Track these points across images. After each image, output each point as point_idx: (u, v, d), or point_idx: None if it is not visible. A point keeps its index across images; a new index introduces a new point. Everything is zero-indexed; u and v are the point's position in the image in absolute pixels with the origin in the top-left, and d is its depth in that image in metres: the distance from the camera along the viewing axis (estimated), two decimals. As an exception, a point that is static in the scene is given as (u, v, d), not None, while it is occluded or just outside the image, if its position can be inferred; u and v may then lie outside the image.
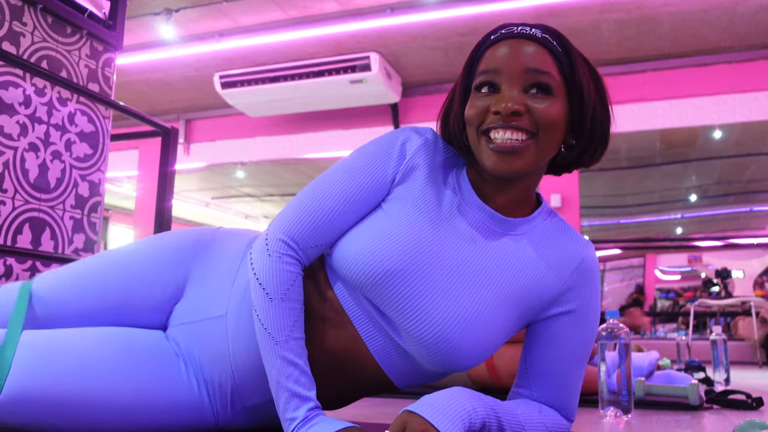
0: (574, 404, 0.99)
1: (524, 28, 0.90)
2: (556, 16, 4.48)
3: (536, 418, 0.91)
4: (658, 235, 11.36)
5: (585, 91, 0.91)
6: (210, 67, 5.35)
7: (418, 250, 0.89)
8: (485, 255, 0.92)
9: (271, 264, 0.88)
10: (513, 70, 0.88)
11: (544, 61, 0.88)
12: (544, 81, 0.87)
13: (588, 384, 1.74)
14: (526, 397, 0.97)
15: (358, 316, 0.93)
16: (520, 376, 0.99)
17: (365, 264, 0.88)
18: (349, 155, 0.97)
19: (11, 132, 1.89)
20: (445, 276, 0.89)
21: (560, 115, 0.89)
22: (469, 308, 0.88)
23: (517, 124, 0.86)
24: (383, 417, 1.39)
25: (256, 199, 9.30)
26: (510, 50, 0.89)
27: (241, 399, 0.98)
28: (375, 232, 0.90)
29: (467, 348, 0.87)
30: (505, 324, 0.91)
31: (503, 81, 0.88)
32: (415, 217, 0.91)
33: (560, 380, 0.96)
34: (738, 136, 6.18)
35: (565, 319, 0.95)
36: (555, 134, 0.89)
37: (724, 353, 2.73)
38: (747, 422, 0.91)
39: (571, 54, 0.90)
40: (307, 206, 0.92)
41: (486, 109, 0.88)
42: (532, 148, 0.88)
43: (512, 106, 0.85)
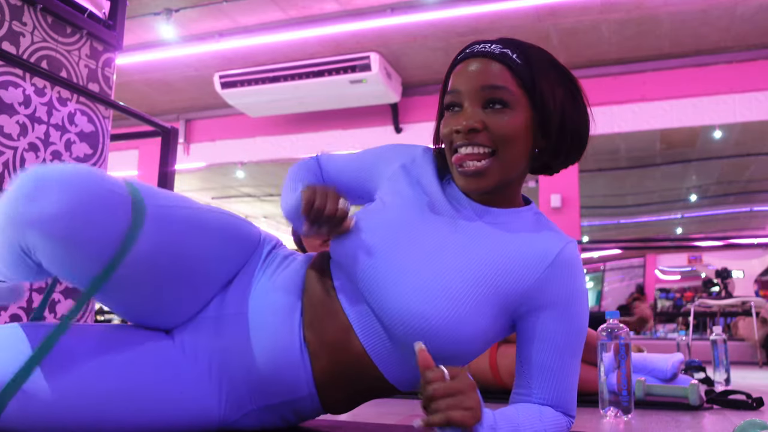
0: (573, 400, 0.99)
1: (485, 46, 0.97)
2: (556, 16, 4.48)
3: (538, 425, 0.91)
4: (658, 235, 11.36)
5: (548, 97, 0.96)
6: (210, 67, 5.36)
7: (395, 227, 0.97)
8: (464, 241, 0.96)
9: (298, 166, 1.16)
10: (471, 89, 0.95)
11: (499, 76, 0.94)
12: (498, 96, 0.94)
13: (588, 384, 1.74)
14: (527, 398, 0.97)
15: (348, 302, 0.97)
16: (518, 377, 0.99)
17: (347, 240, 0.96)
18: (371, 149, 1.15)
19: (11, 132, 1.89)
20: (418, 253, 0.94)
21: (520, 126, 0.95)
22: (436, 281, 0.90)
23: (477, 141, 0.94)
24: (384, 417, 1.39)
25: (256, 199, 9.30)
26: (468, 69, 0.97)
27: (252, 399, 0.98)
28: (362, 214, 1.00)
29: (446, 330, 0.88)
30: (485, 311, 0.91)
31: (464, 100, 0.96)
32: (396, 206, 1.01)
33: (556, 376, 0.96)
34: (738, 136, 6.18)
35: (547, 313, 0.96)
36: (517, 145, 0.95)
37: (725, 353, 2.73)
38: (747, 422, 0.91)
39: (533, 64, 0.96)
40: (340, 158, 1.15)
41: (450, 132, 0.96)
42: (495, 166, 0.95)
43: (470, 123, 0.93)
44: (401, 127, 5.77)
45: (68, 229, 0.78)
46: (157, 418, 0.94)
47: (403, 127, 5.77)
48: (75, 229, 0.79)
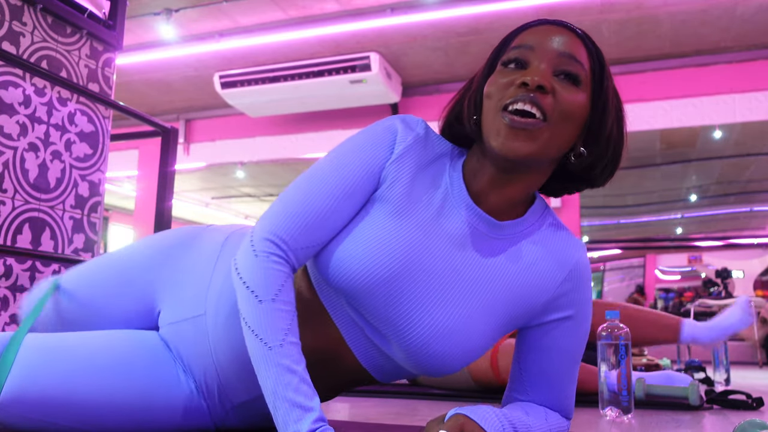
0: (572, 403, 0.99)
1: (562, 20, 0.89)
2: (556, 17, 4.46)
3: (544, 426, 0.91)
4: (658, 235, 11.36)
5: (609, 102, 0.88)
6: (210, 67, 5.35)
7: (401, 261, 0.84)
8: (474, 262, 0.89)
9: (258, 264, 0.80)
10: (547, 50, 0.85)
11: (578, 50, 0.86)
12: (574, 70, 0.84)
13: (588, 384, 1.74)
14: (523, 400, 0.97)
15: (341, 318, 0.90)
16: (514, 380, 0.98)
17: (348, 275, 0.84)
18: (337, 148, 0.91)
19: (11, 132, 1.89)
20: (430, 285, 0.85)
21: (581, 109, 0.85)
22: (454, 317, 0.85)
23: (539, 101, 0.81)
24: (384, 417, 1.39)
25: (256, 199, 9.30)
26: (547, 32, 0.86)
27: (228, 397, 0.98)
28: (358, 241, 0.85)
29: (450, 355, 0.85)
30: (492, 331, 0.89)
31: (534, 57, 0.85)
32: (399, 223, 0.86)
33: (559, 384, 0.96)
34: (738, 136, 6.18)
35: (563, 325, 0.94)
36: (570, 127, 0.85)
37: (725, 353, 2.73)
38: (747, 422, 0.91)
39: (604, 64, 0.89)
40: (296, 204, 0.84)
41: (510, 83, 0.84)
42: (545, 133, 0.82)
43: (540, 80, 0.81)
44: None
45: None
46: (152, 416, 0.94)
47: (403, 127, 5.76)
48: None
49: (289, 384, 0.73)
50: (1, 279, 1.87)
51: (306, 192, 0.85)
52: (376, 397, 1.84)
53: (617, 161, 0.92)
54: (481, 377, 1.93)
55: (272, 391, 0.74)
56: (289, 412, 0.72)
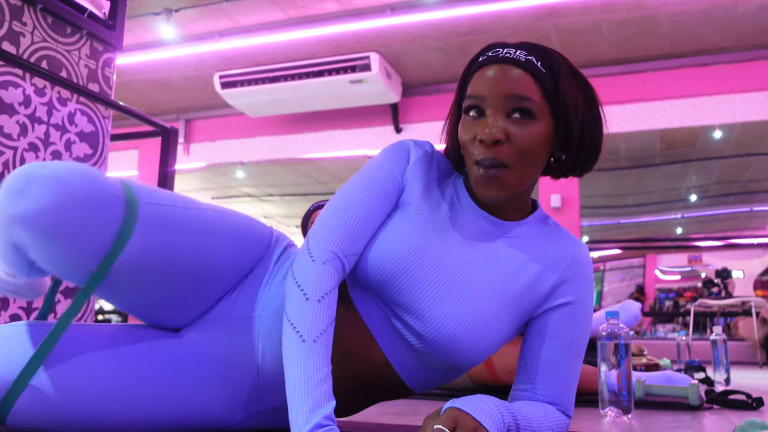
0: (572, 400, 1.01)
1: (509, 51, 0.94)
2: (556, 16, 4.48)
3: (543, 420, 0.92)
4: (658, 235, 11.36)
5: (570, 107, 0.94)
6: (210, 67, 5.36)
7: (420, 252, 0.94)
8: (484, 258, 0.97)
9: (313, 268, 0.88)
10: (496, 96, 0.91)
11: (525, 86, 0.91)
12: (525, 106, 0.91)
13: (588, 384, 1.74)
14: (529, 394, 0.98)
15: (370, 315, 0.96)
16: (520, 374, 1.00)
17: (371, 267, 0.93)
18: (363, 169, 1.02)
19: (11, 132, 1.89)
20: (446, 276, 0.93)
21: (541, 137, 0.92)
22: (470, 307, 0.92)
23: (498, 156, 0.90)
24: (384, 417, 1.39)
25: (256, 199, 9.30)
26: (494, 75, 0.92)
27: (259, 401, 0.98)
28: (382, 238, 0.95)
29: (470, 345, 0.91)
30: (506, 322, 0.95)
31: (487, 106, 0.92)
32: (416, 221, 0.97)
33: (560, 374, 0.97)
34: (738, 136, 6.18)
35: (562, 310, 0.99)
36: (536, 157, 0.93)
37: (724, 353, 2.73)
38: (747, 422, 0.91)
39: (556, 72, 0.93)
40: (341, 215, 0.94)
41: (472, 138, 0.93)
42: (512, 176, 0.92)
43: (493, 134, 0.89)
44: (401, 127, 5.77)
45: (53, 225, 0.77)
46: (161, 417, 0.94)
47: (403, 127, 5.77)
48: (61, 226, 0.77)
49: (311, 378, 0.78)
50: (1, 279, 1.87)
51: (348, 204, 0.96)
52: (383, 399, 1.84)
53: (596, 150, 1.00)
54: (477, 377, 1.93)
55: (294, 382, 0.78)
56: (304, 404, 0.76)
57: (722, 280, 6.75)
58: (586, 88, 0.98)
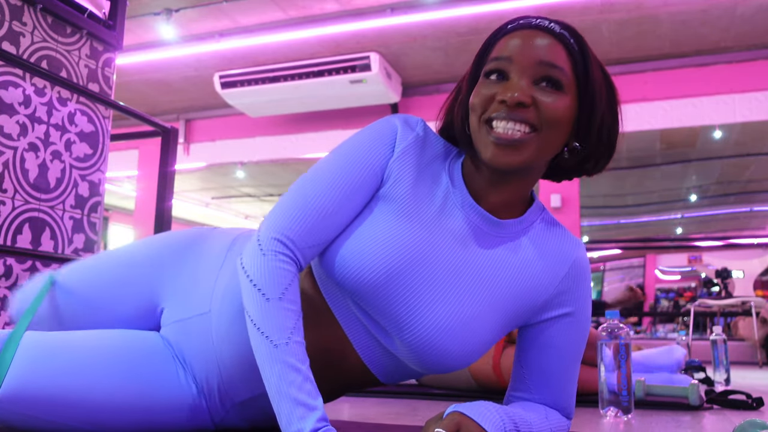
0: (573, 402, 0.99)
1: (543, 21, 0.88)
2: (556, 16, 4.45)
3: (545, 424, 0.91)
4: (658, 235, 11.36)
5: (596, 94, 0.88)
6: (210, 67, 5.36)
7: (406, 258, 0.85)
8: (476, 259, 0.90)
9: (265, 263, 0.80)
10: (525, 60, 0.84)
11: (557, 55, 0.85)
12: (555, 76, 0.84)
13: (588, 384, 1.74)
14: (524, 399, 0.97)
15: (345, 317, 0.92)
16: (516, 380, 0.98)
17: (353, 272, 0.85)
18: (340, 147, 0.92)
19: (11, 132, 1.89)
20: (434, 282, 0.87)
21: (567, 112, 0.86)
22: (457, 315, 0.86)
23: (522, 116, 0.83)
24: (384, 417, 1.39)
25: (256, 199, 9.30)
26: (525, 40, 0.86)
27: (229, 395, 0.98)
28: (363, 238, 0.86)
29: (454, 352, 0.86)
30: (493, 328, 0.90)
31: (513, 70, 0.85)
32: (403, 222, 0.88)
33: (559, 381, 0.96)
34: (738, 136, 6.18)
35: (562, 321, 0.95)
36: (559, 132, 0.86)
37: (724, 353, 2.73)
38: (747, 422, 0.91)
39: (587, 55, 0.87)
40: (301, 203, 0.85)
41: (492, 97, 0.85)
42: (533, 143, 0.84)
43: (519, 96, 0.82)
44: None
45: None
46: (152, 418, 0.94)
47: (403, 127, 5.77)
48: None
49: (293, 382, 0.74)
50: (1, 279, 1.87)
51: (310, 191, 0.86)
52: (376, 397, 1.84)
53: (612, 149, 0.93)
54: (483, 378, 1.92)
55: (276, 390, 0.74)
56: (292, 411, 0.73)
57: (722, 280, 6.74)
58: (611, 86, 0.92)
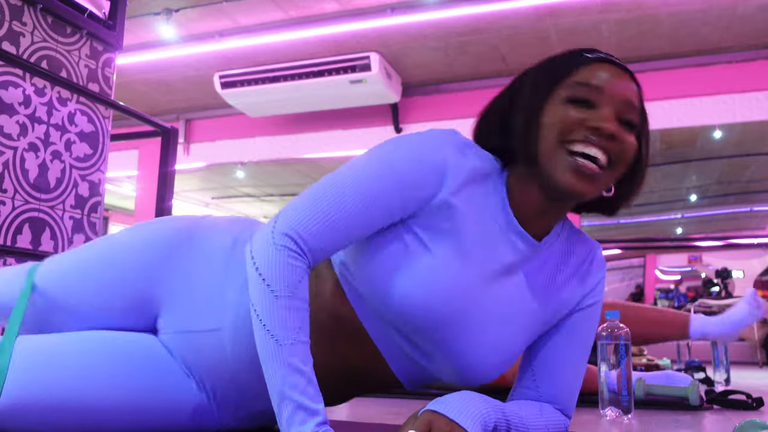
0: (574, 402, 1.00)
1: (615, 60, 0.89)
2: (556, 16, 4.48)
3: (539, 419, 0.92)
4: (658, 235, 11.35)
5: (646, 137, 0.91)
6: (210, 67, 5.35)
7: (459, 298, 0.86)
8: (519, 286, 0.93)
9: (277, 258, 0.78)
10: (616, 95, 0.85)
11: (635, 96, 0.88)
12: (633, 119, 0.87)
13: (588, 384, 1.74)
14: (530, 394, 0.97)
15: (382, 338, 0.92)
16: (524, 371, 0.99)
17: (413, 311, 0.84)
18: (375, 154, 0.87)
19: (11, 132, 1.89)
20: (486, 316, 0.89)
21: (634, 152, 0.88)
22: (502, 341, 0.91)
23: (608, 147, 0.84)
24: (383, 417, 1.39)
25: (256, 199, 9.30)
26: (614, 75, 0.87)
27: (243, 406, 0.98)
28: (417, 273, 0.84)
29: (493, 373, 0.91)
30: (525, 343, 0.95)
31: (603, 102, 0.85)
32: (461, 262, 0.86)
33: (565, 374, 0.97)
34: (738, 136, 6.18)
35: (574, 316, 0.98)
36: (624, 169, 0.88)
37: (725, 353, 2.73)
38: (747, 422, 0.91)
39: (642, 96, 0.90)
40: (322, 206, 0.82)
41: (579, 122, 0.84)
42: (607, 177, 0.86)
43: (612, 128, 0.83)
44: (401, 127, 5.76)
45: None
46: (153, 421, 0.94)
47: (403, 127, 5.76)
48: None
49: (296, 385, 0.74)
50: (1, 279, 1.87)
51: (336, 193, 0.83)
52: (376, 397, 1.84)
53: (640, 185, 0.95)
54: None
55: (279, 391, 0.74)
56: (294, 414, 0.73)
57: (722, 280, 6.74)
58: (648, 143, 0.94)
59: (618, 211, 0.98)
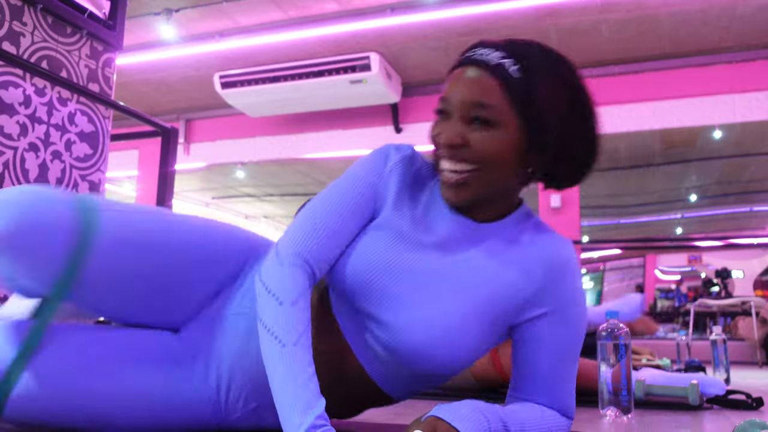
0: (572, 402, 0.99)
1: (483, 53, 0.91)
2: (556, 16, 4.48)
3: (540, 423, 0.92)
4: (658, 235, 11.36)
5: (545, 114, 0.89)
6: (210, 67, 5.35)
7: (388, 265, 0.92)
8: (454, 263, 0.93)
9: (282, 272, 0.87)
10: (457, 102, 0.90)
11: (487, 92, 0.88)
12: (483, 115, 0.89)
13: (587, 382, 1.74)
14: (525, 400, 0.97)
15: (347, 326, 0.96)
16: (514, 382, 0.99)
17: (345, 277, 0.93)
18: (344, 175, 1.00)
19: (11, 132, 1.89)
20: (414, 288, 0.91)
21: (506, 145, 0.89)
22: (440, 316, 0.89)
23: (459, 155, 0.90)
24: (384, 417, 1.39)
25: (256, 199, 9.30)
26: (458, 80, 0.92)
27: (256, 397, 0.98)
28: (355, 250, 0.94)
29: (438, 353, 0.89)
30: (479, 329, 0.91)
31: (452, 110, 0.91)
32: (386, 232, 0.95)
33: (553, 381, 0.96)
34: (738, 136, 6.18)
35: (543, 321, 0.95)
36: (502, 164, 0.90)
37: (724, 353, 2.73)
38: (747, 422, 0.91)
39: (534, 74, 0.89)
40: (313, 223, 0.93)
41: (435, 138, 0.93)
42: (478, 179, 0.91)
43: (449, 138, 0.90)
44: (401, 127, 5.77)
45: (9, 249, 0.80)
46: (156, 414, 0.94)
47: (403, 127, 5.77)
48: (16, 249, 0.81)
49: (297, 380, 0.77)
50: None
51: (319, 212, 0.95)
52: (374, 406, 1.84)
53: (590, 156, 0.97)
54: (483, 375, 1.92)
55: (280, 385, 0.77)
56: (294, 405, 0.75)
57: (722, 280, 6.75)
58: (575, 89, 0.93)
59: (565, 185, 1.00)
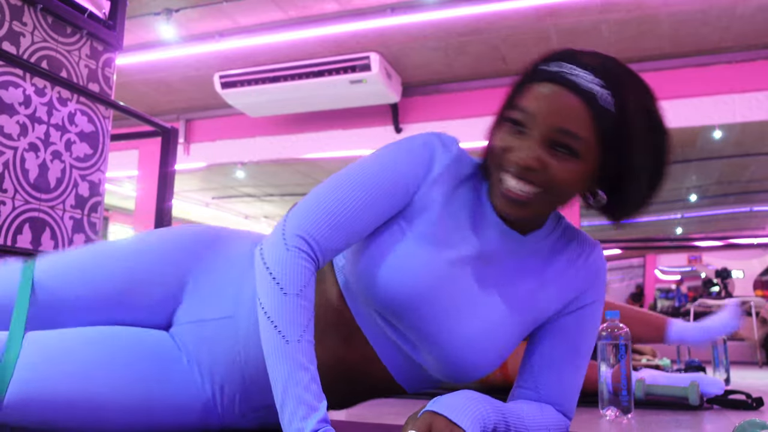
0: (574, 403, 0.99)
1: (575, 71, 0.83)
2: (556, 16, 4.48)
3: (539, 419, 0.92)
4: (658, 235, 11.35)
5: (631, 155, 0.86)
6: (210, 67, 5.35)
7: (435, 279, 0.88)
8: (502, 274, 0.93)
9: (288, 258, 0.81)
10: (544, 123, 0.83)
11: (579, 122, 0.82)
12: (570, 144, 0.83)
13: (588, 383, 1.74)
14: (530, 395, 0.97)
15: (373, 332, 0.94)
16: (523, 374, 0.99)
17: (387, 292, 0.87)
18: (372, 156, 0.92)
19: (11, 132, 1.89)
20: (461, 300, 0.90)
21: (579, 176, 0.85)
22: (481, 329, 0.90)
23: (530, 178, 0.84)
24: (383, 417, 1.39)
25: (256, 199, 9.30)
26: (549, 98, 0.83)
27: (249, 401, 0.98)
28: (396, 257, 0.88)
29: (479, 363, 0.90)
30: (513, 337, 0.94)
31: (533, 127, 0.84)
32: (433, 245, 0.89)
33: (563, 376, 0.97)
34: (738, 136, 6.18)
35: (574, 315, 0.98)
36: (570, 191, 0.88)
37: (724, 353, 2.73)
38: (747, 422, 0.91)
39: (627, 113, 0.84)
40: (328, 206, 0.85)
41: (507, 149, 0.86)
42: (543, 201, 0.86)
43: (528, 161, 0.83)
44: (401, 127, 5.77)
45: None
46: (159, 419, 0.94)
47: (403, 127, 5.77)
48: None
49: (300, 381, 0.75)
50: (1, 279, 1.87)
51: (339, 195, 0.87)
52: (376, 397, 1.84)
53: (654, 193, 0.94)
54: (488, 377, 1.92)
55: (283, 387, 0.76)
56: (296, 409, 0.74)
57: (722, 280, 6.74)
58: (659, 132, 0.89)
59: (619, 218, 0.96)
